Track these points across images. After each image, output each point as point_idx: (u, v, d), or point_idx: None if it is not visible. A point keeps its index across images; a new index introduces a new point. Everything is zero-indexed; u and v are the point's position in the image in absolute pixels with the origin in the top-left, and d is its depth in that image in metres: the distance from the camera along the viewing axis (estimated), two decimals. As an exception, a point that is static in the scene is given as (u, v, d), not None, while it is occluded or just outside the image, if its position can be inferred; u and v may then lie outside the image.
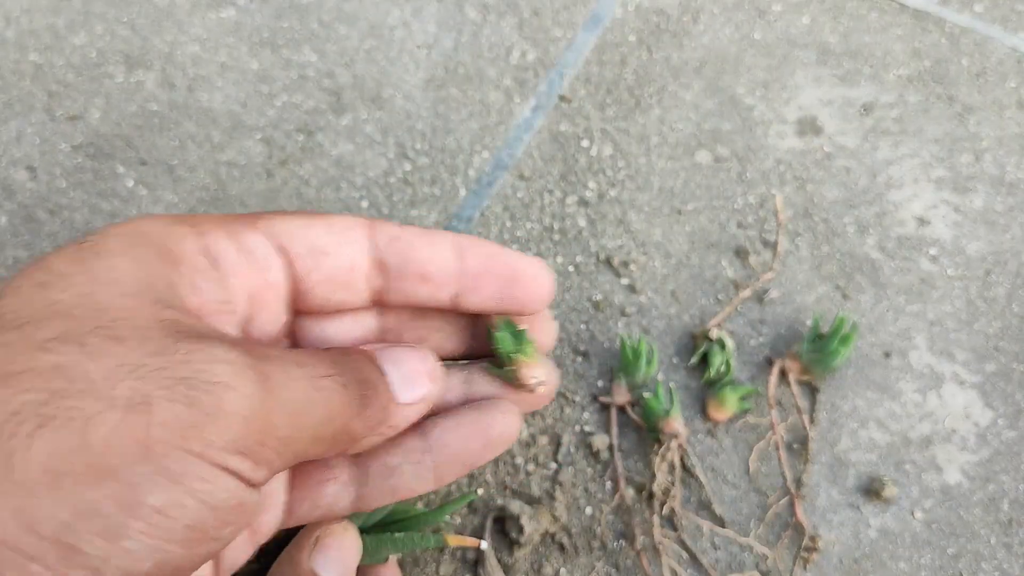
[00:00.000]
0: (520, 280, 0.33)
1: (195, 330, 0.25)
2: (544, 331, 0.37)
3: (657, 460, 0.64)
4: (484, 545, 0.29)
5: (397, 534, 0.30)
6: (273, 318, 0.30)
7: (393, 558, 0.34)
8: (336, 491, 0.33)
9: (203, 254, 0.28)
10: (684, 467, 0.66)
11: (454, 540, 0.29)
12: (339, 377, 0.27)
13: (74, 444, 0.21)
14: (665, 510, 0.63)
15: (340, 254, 0.30)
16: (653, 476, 0.64)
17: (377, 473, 0.32)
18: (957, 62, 0.88)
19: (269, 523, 0.32)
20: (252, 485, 0.25)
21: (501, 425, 0.33)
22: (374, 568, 0.33)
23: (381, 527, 0.31)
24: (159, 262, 0.27)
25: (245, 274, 0.29)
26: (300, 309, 0.32)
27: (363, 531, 0.30)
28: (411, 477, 0.32)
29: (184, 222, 0.29)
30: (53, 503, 0.21)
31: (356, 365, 0.28)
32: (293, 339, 0.33)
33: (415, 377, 0.30)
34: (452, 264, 0.32)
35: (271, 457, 0.25)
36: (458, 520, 0.62)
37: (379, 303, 0.33)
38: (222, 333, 0.27)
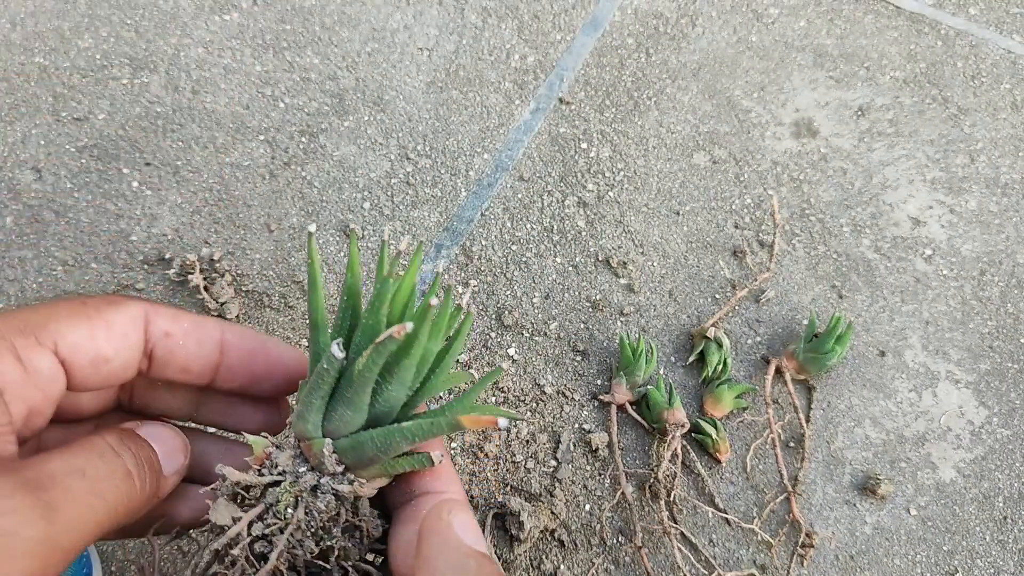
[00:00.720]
0: (272, 377, 0.37)
1: None
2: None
3: (662, 449, 0.65)
4: (503, 423, 0.28)
5: (405, 423, 0.30)
6: (44, 419, 0.33)
7: (447, 458, 0.34)
8: None
9: None
10: (684, 463, 0.66)
11: (469, 421, 0.29)
12: (122, 467, 0.29)
13: None
14: (671, 496, 0.64)
15: (118, 359, 0.33)
16: (655, 467, 0.65)
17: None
18: (952, 64, 0.89)
19: None
20: None
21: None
22: (420, 474, 0.35)
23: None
24: None
25: (30, 395, 0.31)
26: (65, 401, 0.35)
27: (372, 426, 0.31)
28: None
29: None
30: None
31: (136, 448, 0.31)
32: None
33: (174, 453, 0.33)
34: (214, 360, 0.35)
35: (59, 568, 0.26)
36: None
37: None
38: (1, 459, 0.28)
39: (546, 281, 0.75)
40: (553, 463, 0.67)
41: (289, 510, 0.31)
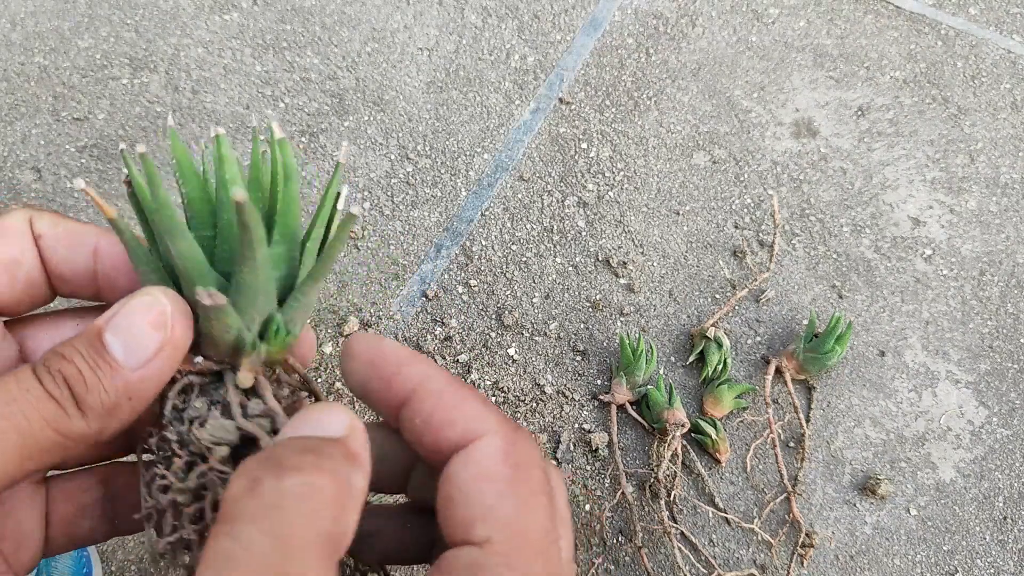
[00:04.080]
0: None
1: None
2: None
3: (662, 449, 0.65)
4: (356, 211, 0.27)
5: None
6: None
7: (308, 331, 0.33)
8: (92, 524, 0.34)
9: None
10: (684, 463, 0.66)
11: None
12: (34, 389, 0.26)
13: None
14: (671, 496, 0.64)
15: (27, 260, 0.31)
16: (655, 467, 0.65)
17: (130, 509, 0.32)
18: (952, 64, 0.89)
19: (28, 559, 0.33)
20: None
21: None
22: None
23: None
24: None
25: None
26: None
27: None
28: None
29: None
30: None
31: (58, 364, 0.27)
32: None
33: (140, 336, 0.27)
34: (89, 267, 0.32)
35: None
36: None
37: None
38: None
39: (546, 281, 0.76)
40: (553, 463, 0.67)
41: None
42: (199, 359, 0.29)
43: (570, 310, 0.74)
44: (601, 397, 0.69)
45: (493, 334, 0.72)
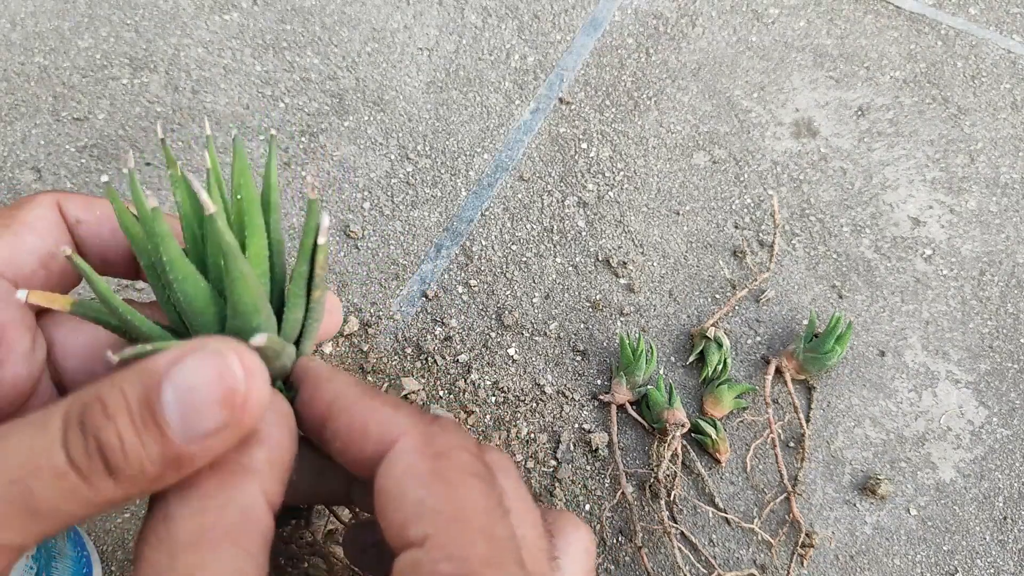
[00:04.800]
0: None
1: None
2: None
3: (662, 449, 0.65)
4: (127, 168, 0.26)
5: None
6: (32, 367, 0.27)
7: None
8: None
9: None
10: (684, 463, 0.66)
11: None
12: (57, 456, 0.20)
13: None
14: (671, 496, 0.64)
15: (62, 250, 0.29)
16: (655, 467, 0.65)
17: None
18: (952, 64, 0.89)
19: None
20: None
21: None
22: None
23: None
24: None
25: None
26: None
27: None
28: None
29: None
30: None
31: (95, 423, 0.21)
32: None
33: (202, 407, 0.21)
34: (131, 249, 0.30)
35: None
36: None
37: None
38: None
39: (546, 281, 0.76)
40: (553, 463, 0.67)
41: None
42: None
43: (570, 310, 0.74)
44: (601, 397, 0.69)
45: (493, 334, 0.72)
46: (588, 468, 0.67)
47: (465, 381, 0.70)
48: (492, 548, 0.22)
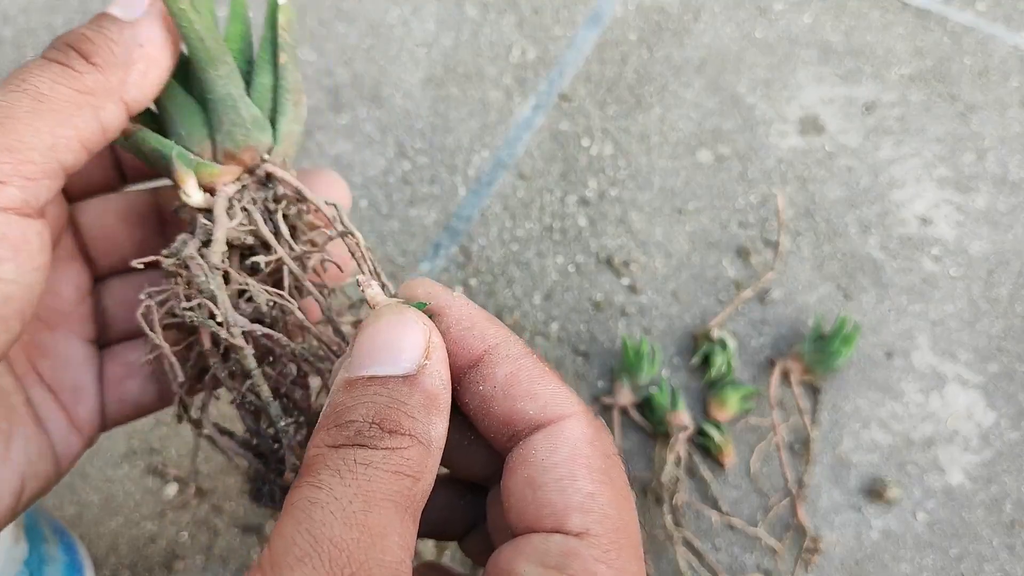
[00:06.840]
0: None
1: None
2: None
3: (665, 452, 0.64)
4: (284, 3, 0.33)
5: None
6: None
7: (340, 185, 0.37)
8: (140, 385, 0.36)
9: None
10: (687, 466, 0.65)
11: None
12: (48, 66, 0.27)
13: None
14: (675, 500, 0.63)
15: None
16: (658, 471, 0.64)
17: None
18: (959, 61, 0.88)
19: (87, 416, 0.35)
20: (25, 214, 0.26)
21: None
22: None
23: None
24: None
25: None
26: None
27: None
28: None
29: None
30: None
31: (64, 40, 0.29)
32: None
33: None
34: None
35: (28, 170, 0.25)
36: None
37: None
38: None
39: (547, 281, 0.74)
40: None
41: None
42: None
43: (571, 311, 0.73)
44: (603, 400, 0.68)
45: (493, 335, 0.71)
46: (590, 472, 0.66)
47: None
48: (642, 572, 0.23)
